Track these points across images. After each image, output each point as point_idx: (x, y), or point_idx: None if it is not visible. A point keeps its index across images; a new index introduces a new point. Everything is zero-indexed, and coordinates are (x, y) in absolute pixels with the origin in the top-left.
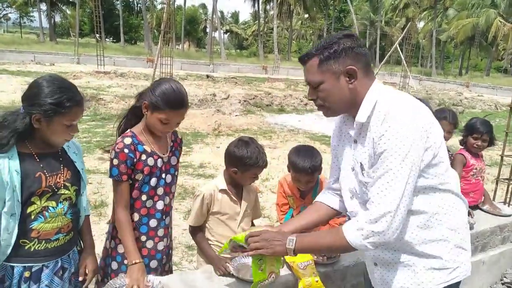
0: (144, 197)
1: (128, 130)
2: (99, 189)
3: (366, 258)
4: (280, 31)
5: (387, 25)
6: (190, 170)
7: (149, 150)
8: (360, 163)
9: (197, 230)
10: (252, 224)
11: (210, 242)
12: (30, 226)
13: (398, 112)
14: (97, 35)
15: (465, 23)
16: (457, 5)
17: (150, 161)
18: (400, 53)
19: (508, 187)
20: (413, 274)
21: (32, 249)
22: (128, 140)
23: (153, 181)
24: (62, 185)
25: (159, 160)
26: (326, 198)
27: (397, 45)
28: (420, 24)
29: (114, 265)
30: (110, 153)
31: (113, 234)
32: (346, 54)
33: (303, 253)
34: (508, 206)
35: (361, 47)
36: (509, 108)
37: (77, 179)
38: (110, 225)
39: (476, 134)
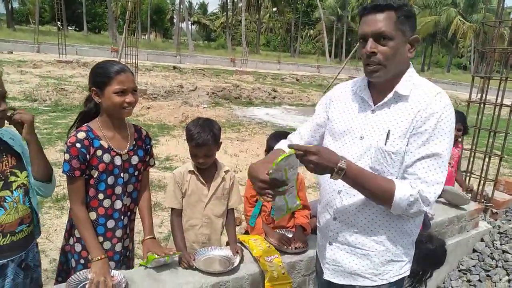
0: (101, 196)
1: (85, 124)
2: (61, 182)
3: (321, 233)
4: (248, 24)
5: (354, 20)
6: (156, 163)
7: (105, 146)
8: (388, 130)
9: (174, 214)
10: (230, 210)
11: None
12: None
13: (448, 99)
14: (59, 23)
15: (428, 20)
16: (421, 1)
17: (106, 158)
18: None
19: (464, 178)
20: (371, 264)
21: None
22: (82, 135)
23: (110, 179)
24: (9, 172)
25: (117, 157)
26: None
27: None
28: None
29: (73, 263)
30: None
31: (71, 232)
32: (414, 23)
33: (348, 181)
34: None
35: None
36: (467, 103)
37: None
38: (67, 222)
39: None
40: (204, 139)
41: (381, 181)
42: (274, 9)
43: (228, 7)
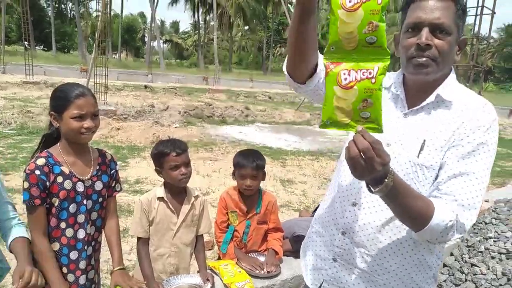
0: (63, 225)
1: (45, 151)
2: (25, 210)
3: (324, 245)
4: (221, 42)
5: (324, 38)
6: (126, 186)
7: (67, 172)
8: (424, 140)
9: (140, 243)
10: (199, 236)
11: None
12: None
13: (495, 112)
14: (26, 43)
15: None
16: (388, 19)
17: (68, 184)
18: None
19: None
20: None
21: None
22: (41, 161)
23: (72, 207)
24: None
25: (80, 183)
26: None
27: None
28: None
29: None
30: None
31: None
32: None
33: (387, 199)
34: None
35: None
36: None
37: None
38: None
39: None
40: (181, 145)
41: (422, 202)
42: (246, 27)
43: (200, 25)
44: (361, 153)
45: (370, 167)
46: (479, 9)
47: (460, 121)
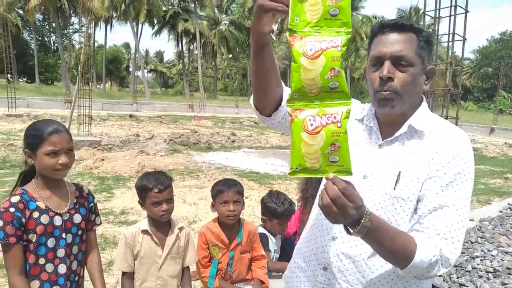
0: (42, 261)
1: (19, 188)
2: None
3: (307, 279)
4: (205, 70)
5: None
6: (111, 218)
7: (43, 207)
8: (399, 172)
9: (124, 278)
10: (185, 268)
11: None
12: None
13: (469, 140)
14: (9, 76)
15: None
16: (367, 45)
17: (44, 219)
18: None
19: None
20: None
21: None
22: (16, 199)
23: (50, 242)
24: None
25: (57, 217)
26: None
27: None
28: None
29: None
30: None
31: None
32: (431, 52)
33: (367, 239)
34: None
35: None
36: None
37: None
38: None
39: None
40: (165, 181)
41: (403, 239)
42: (230, 55)
43: (184, 54)
44: (333, 201)
45: (344, 212)
46: (451, 36)
47: (435, 151)
